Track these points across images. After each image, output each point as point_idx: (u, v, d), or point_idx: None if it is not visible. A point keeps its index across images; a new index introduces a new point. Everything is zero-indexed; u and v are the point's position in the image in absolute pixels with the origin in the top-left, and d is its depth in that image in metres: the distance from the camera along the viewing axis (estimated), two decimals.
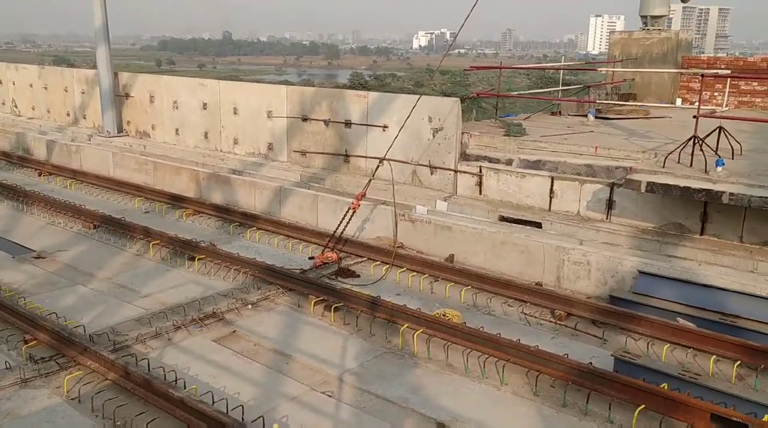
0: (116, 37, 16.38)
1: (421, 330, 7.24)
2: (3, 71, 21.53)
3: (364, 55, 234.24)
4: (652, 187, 8.26)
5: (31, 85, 20.30)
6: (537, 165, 10.56)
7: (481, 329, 7.10)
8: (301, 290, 8.62)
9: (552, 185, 9.99)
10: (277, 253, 10.40)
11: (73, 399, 5.99)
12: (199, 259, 9.71)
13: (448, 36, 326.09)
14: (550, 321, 7.84)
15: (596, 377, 5.99)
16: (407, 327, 7.34)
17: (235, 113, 14.62)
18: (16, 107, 21.03)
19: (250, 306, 8.30)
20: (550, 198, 10.05)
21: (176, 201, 13.05)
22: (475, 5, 8.95)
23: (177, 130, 16.03)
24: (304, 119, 13.27)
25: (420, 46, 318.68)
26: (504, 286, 8.56)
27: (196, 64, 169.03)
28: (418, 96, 11.18)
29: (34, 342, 6.91)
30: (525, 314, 8.03)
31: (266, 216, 12.03)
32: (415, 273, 9.29)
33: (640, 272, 8.08)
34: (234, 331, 7.63)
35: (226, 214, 12.18)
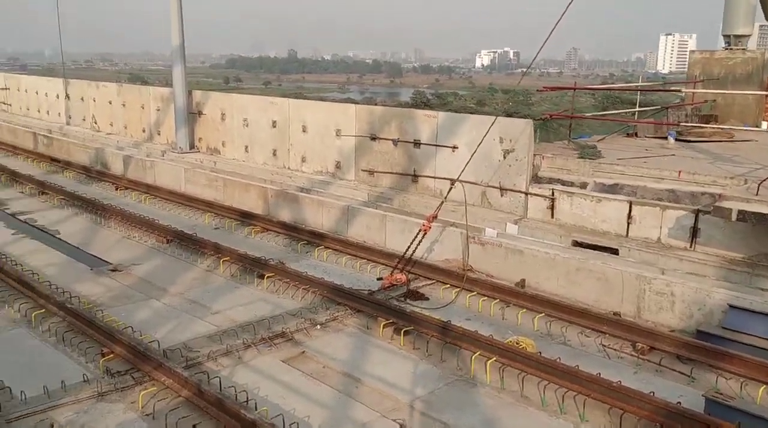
0: (188, 56, 16.93)
1: (495, 358, 7.00)
2: (85, 89, 22.50)
3: (426, 74, 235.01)
4: (744, 215, 7.79)
5: (110, 103, 21.12)
6: (614, 189, 10.18)
7: (558, 360, 6.80)
8: (369, 312, 8.52)
9: (630, 210, 9.59)
10: (344, 273, 10.34)
11: (147, 415, 6.03)
12: (267, 277, 9.75)
13: (511, 55, 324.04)
14: (631, 355, 7.45)
15: (686, 419, 5.62)
16: (479, 354, 7.12)
17: (303, 131, 14.76)
18: (96, 123, 21.90)
19: (318, 327, 8.25)
20: (628, 223, 9.65)
21: (245, 217, 13.22)
22: (556, 24, 8.73)
23: (246, 147, 16.31)
24: (373, 138, 13.26)
25: (482, 64, 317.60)
26: (580, 315, 8.22)
27: (262, 82, 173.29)
28: (489, 117, 11.00)
29: (111, 355, 7.02)
30: (604, 346, 7.67)
31: (333, 235, 12.02)
32: (485, 297, 9.05)
33: (731, 306, 7.61)
34: (303, 352, 7.57)
35: (294, 231, 12.24)
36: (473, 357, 7.11)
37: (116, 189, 16.16)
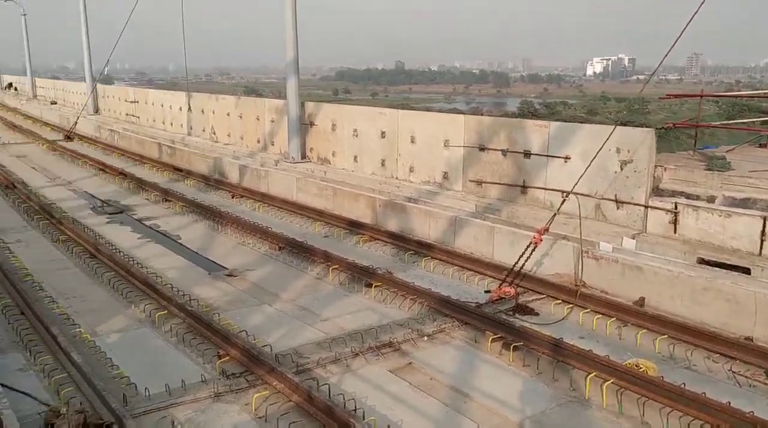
0: (300, 69, 17.49)
1: (611, 380, 6.64)
2: (205, 102, 23.79)
3: (534, 83, 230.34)
4: None
5: (228, 114, 22.19)
6: (745, 203, 9.45)
7: (683, 386, 6.35)
8: (477, 325, 8.35)
9: (764, 227, 8.85)
10: (451, 284, 10.23)
11: (260, 418, 6.19)
12: (375, 286, 9.80)
13: (626, 62, 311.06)
14: (765, 384, 6.84)
15: None
16: (595, 375, 6.77)
17: (412, 142, 14.81)
18: (215, 134, 23.06)
19: (425, 338, 8.18)
20: (761, 241, 8.91)
21: (354, 226, 13.41)
22: (685, 28, 8.24)
23: (356, 157, 16.59)
24: (481, 149, 13.09)
25: (594, 72, 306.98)
26: (707, 338, 7.65)
27: (369, 93, 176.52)
28: (604, 126, 10.55)
29: (227, 357, 7.29)
30: (734, 372, 7.09)
31: (441, 245, 11.94)
32: (600, 315, 8.64)
33: None
34: (410, 363, 7.53)
35: (401, 241, 12.26)
36: (588, 377, 6.78)
37: (232, 197, 16.90)
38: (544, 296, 9.52)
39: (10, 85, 58.15)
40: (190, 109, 24.70)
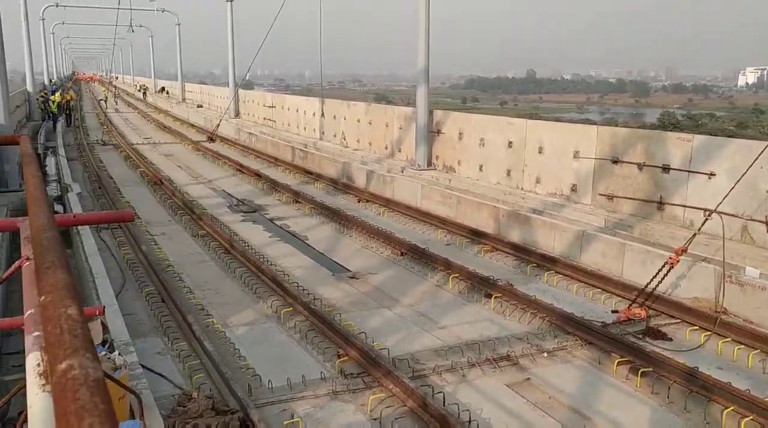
0: (430, 77, 17.69)
1: (751, 417, 6.10)
2: (337, 108, 24.57)
3: (678, 93, 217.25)
4: None
5: (358, 121, 22.78)
6: None
7: None
8: (602, 345, 7.98)
9: None
10: (575, 301, 9.85)
11: (374, 419, 6.27)
12: (495, 297, 9.65)
13: None
14: None
15: None
16: (733, 410, 6.25)
17: (539, 152, 14.46)
18: (345, 139, 23.76)
19: (545, 354, 7.93)
20: None
21: (475, 235, 13.28)
22: None
23: (481, 166, 16.43)
24: (614, 161, 12.52)
25: (747, 83, 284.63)
26: None
27: (498, 102, 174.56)
28: (758, 142, 9.71)
29: (346, 357, 7.46)
30: None
31: (565, 260, 11.54)
32: (742, 345, 7.96)
33: None
34: (528, 378, 7.33)
35: (524, 253, 11.99)
36: (725, 412, 6.27)
37: (358, 201, 17.31)
38: (678, 321, 8.93)
39: (163, 89, 63.27)
40: (323, 114, 25.61)
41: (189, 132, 34.87)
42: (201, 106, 45.34)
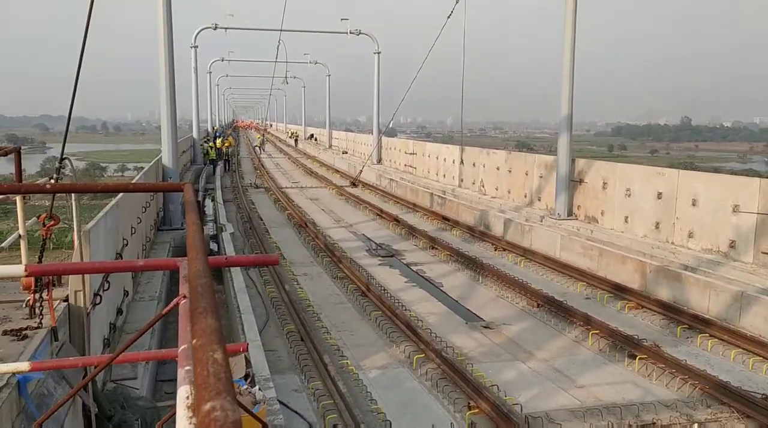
0: (573, 124, 17.39)
1: None
2: (476, 155, 24.66)
3: None
4: None
5: (497, 169, 22.70)
6: None
7: None
8: (762, 420, 7.20)
9: None
10: (732, 369, 9.00)
11: None
12: (640, 359, 9.05)
13: None
14: None
15: None
16: None
17: (693, 205, 13.56)
18: (483, 187, 23.72)
19: (696, 426, 7.29)
20: None
21: (618, 290, 12.62)
22: None
23: (626, 217, 15.69)
24: None
25: None
26: None
27: (648, 150, 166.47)
28: None
29: (476, 410, 7.32)
30: None
31: (721, 322, 10.61)
32: None
33: None
34: None
35: (673, 312, 11.18)
36: None
37: (494, 249, 17.12)
38: None
39: (312, 136, 66.95)
40: (462, 162, 25.81)
41: (334, 177, 36.48)
42: (346, 153, 47.36)
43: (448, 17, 21.64)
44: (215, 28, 38.79)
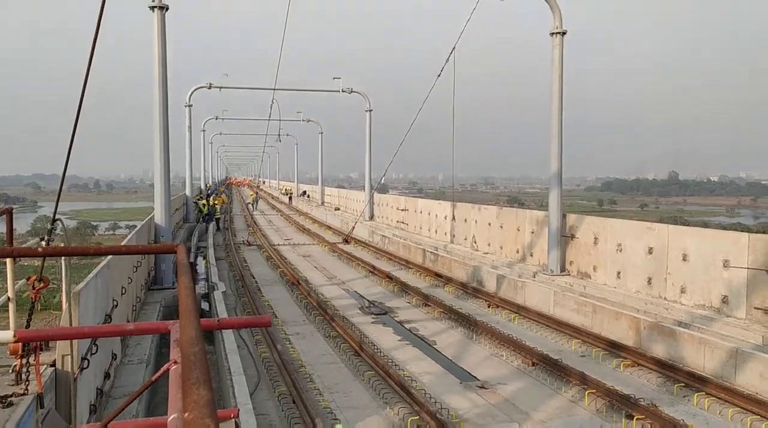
0: (563, 179, 17.65)
1: None
2: (468, 211, 24.81)
3: None
4: None
5: (489, 224, 22.81)
6: None
7: None
8: None
9: None
10: None
11: None
12: (637, 419, 8.92)
13: None
14: None
15: None
16: None
17: (684, 260, 13.61)
18: (475, 243, 23.77)
19: None
20: None
21: (613, 348, 12.52)
22: None
23: (619, 273, 15.70)
24: None
25: None
26: None
27: (638, 204, 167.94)
28: None
29: None
30: None
31: (717, 380, 10.50)
32: None
33: None
34: None
35: (669, 370, 11.08)
36: None
37: (488, 306, 17.02)
38: None
39: (305, 192, 67.31)
40: (453, 218, 25.94)
41: (326, 234, 36.49)
42: (338, 209, 47.53)
43: (438, 76, 22.10)
44: (210, 88, 39.41)
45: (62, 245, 7.22)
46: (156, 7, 16.32)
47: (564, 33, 17.85)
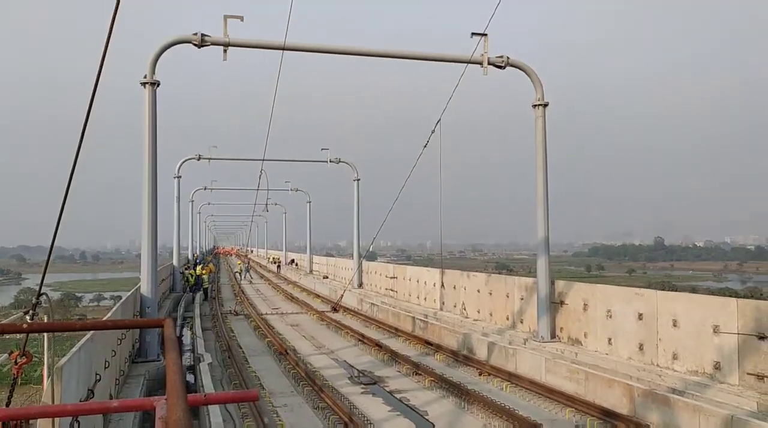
0: (551, 245, 17.80)
1: None
2: (457, 278, 24.77)
3: None
4: None
5: (478, 291, 22.74)
6: None
7: None
8: None
9: None
10: None
11: None
12: None
13: None
14: None
15: None
16: None
17: (674, 325, 13.59)
18: (465, 310, 23.63)
19: None
20: None
21: (607, 416, 12.30)
22: None
23: (610, 339, 15.60)
24: (761, 337, 11.49)
25: None
26: None
27: (626, 270, 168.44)
28: None
29: None
30: None
31: None
32: None
33: None
34: None
35: None
36: None
37: (479, 374, 16.77)
38: None
39: (293, 261, 67.02)
40: (443, 285, 25.86)
41: (314, 302, 36.15)
42: (326, 277, 47.27)
43: (425, 146, 22.45)
44: (199, 159, 39.81)
45: (46, 318, 7.12)
46: (147, 83, 16.68)
47: (546, 105, 18.40)
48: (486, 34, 17.51)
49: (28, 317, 6.30)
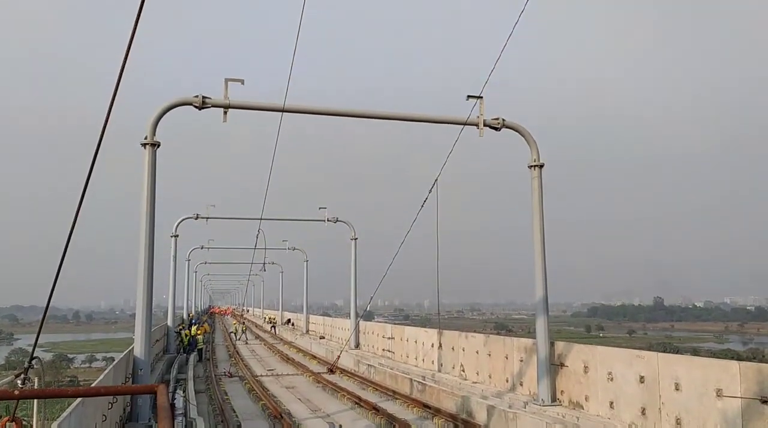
0: (550, 305, 17.65)
1: None
2: (455, 339, 24.47)
3: None
4: None
5: (477, 352, 22.43)
6: None
7: None
8: None
9: None
10: None
11: None
12: None
13: None
14: None
15: None
16: None
17: (676, 389, 13.35)
18: (464, 371, 23.24)
19: None
20: None
21: None
22: None
23: (611, 403, 15.30)
24: (765, 401, 11.27)
25: None
26: None
27: (626, 330, 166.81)
28: None
29: None
30: None
31: None
32: None
33: None
34: None
35: None
36: None
37: None
38: None
39: (289, 320, 66.24)
40: (440, 346, 25.52)
41: (311, 363, 35.56)
42: (323, 338, 46.65)
43: (422, 206, 22.57)
44: (196, 218, 39.87)
45: (37, 380, 6.99)
46: (148, 144, 16.85)
47: (541, 166, 18.61)
48: (481, 97, 17.87)
49: (19, 381, 6.18)
